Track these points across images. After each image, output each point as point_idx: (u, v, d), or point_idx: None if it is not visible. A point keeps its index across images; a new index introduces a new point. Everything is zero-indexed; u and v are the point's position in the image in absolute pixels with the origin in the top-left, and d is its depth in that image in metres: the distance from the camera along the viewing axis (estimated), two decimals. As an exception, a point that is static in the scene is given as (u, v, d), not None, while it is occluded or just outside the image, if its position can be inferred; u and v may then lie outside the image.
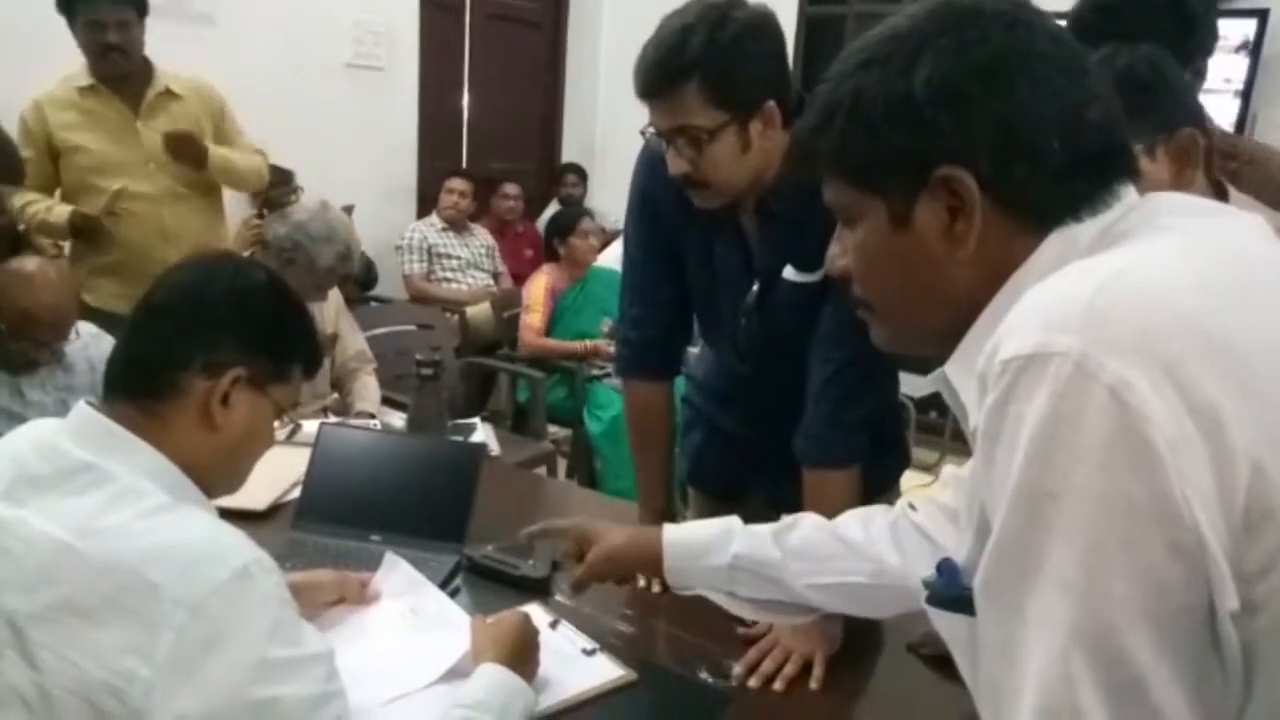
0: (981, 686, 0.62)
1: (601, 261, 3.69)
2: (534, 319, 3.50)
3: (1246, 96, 3.64)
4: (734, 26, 1.16)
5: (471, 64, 4.95)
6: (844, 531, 1.06)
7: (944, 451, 3.56)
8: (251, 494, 1.59)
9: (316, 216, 2.22)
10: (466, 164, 4.88)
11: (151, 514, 0.82)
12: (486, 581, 1.38)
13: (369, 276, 4.12)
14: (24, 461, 0.86)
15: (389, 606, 1.24)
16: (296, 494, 1.57)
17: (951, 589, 0.66)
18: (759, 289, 1.35)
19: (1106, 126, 0.65)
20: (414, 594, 1.25)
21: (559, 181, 5.06)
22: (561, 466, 3.15)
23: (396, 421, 2.21)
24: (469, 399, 3.47)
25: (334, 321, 2.42)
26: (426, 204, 4.55)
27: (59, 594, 0.78)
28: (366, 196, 4.21)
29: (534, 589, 1.35)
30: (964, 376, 0.66)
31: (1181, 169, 0.97)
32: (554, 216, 3.92)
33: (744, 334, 1.40)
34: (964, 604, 0.63)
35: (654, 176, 1.34)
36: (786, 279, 1.32)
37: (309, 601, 1.15)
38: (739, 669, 1.19)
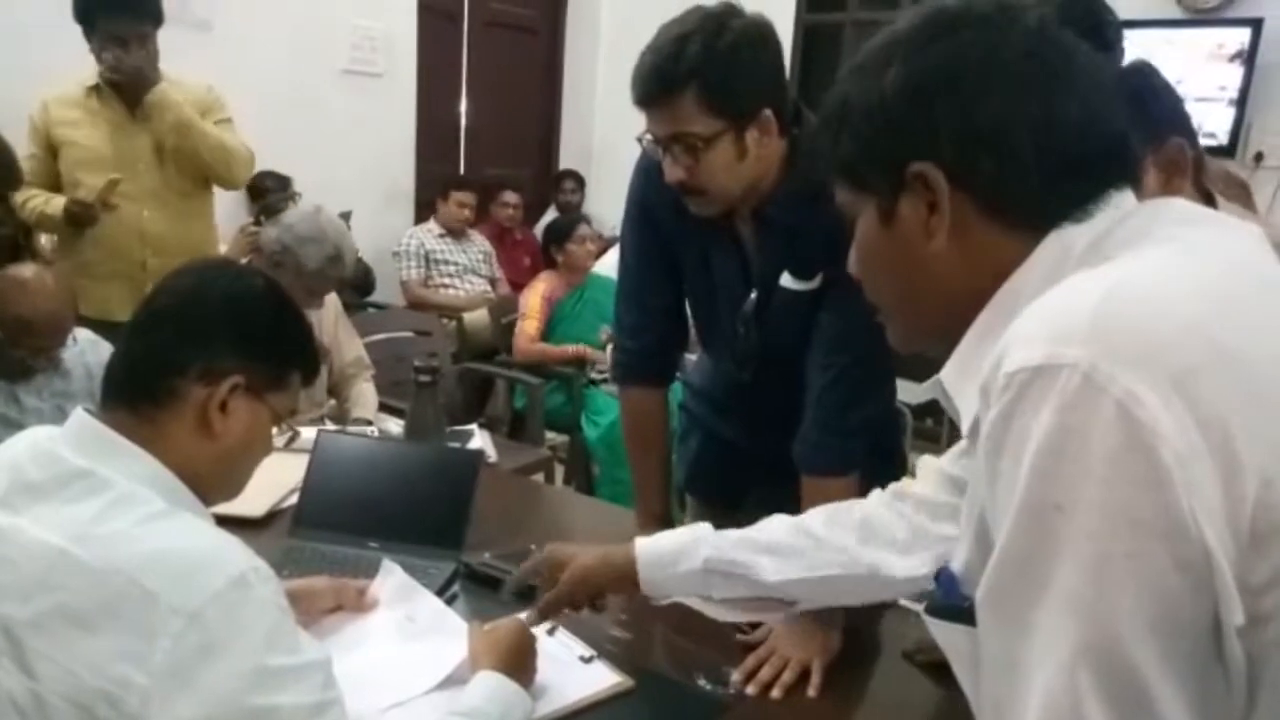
0: (984, 698, 0.62)
1: (599, 269, 3.69)
2: (530, 325, 3.50)
3: (1241, 105, 3.66)
4: (731, 35, 1.17)
5: (469, 70, 4.96)
6: (811, 525, 1.07)
7: (941, 458, 3.55)
8: (248, 501, 1.58)
9: (306, 218, 2.22)
10: (464, 170, 4.88)
11: (148, 521, 0.82)
12: (484, 589, 1.38)
13: (366, 282, 4.12)
14: (21, 469, 0.86)
15: (386, 614, 1.23)
16: (293, 501, 1.57)
17: (950, 599, 0.65)
18: (756, 296, 1.36)
19: (1091, 128, 0.64)
20: (411, 601, 1.24)
21: (557, 188, 5.07)
22: (559, 473, 3.15)
23: (394, 428, 2.21)
24: (466, 405, 3.46)
25: (332, 329, 2.41)
26: (424, 210, 4.55)
27: (55, 601, 0.78)
28: (364, 202, 4.21)
29: (531, 596, 1.34)
30: (959, 382, 0.66)
31: (1170, 179, 0.98)
32: (551, 223, 3.92)
33: (741, 341, 1.41)
34: (964, 615, 0.63)
35: (651, 184, 1.34)
36: (784, 286, 1.32)
37: (306, 609, 1.15)
38: (737, 676, 1.19)
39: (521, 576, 1.20)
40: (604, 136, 5.39)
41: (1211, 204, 1.08)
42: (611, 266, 3.54)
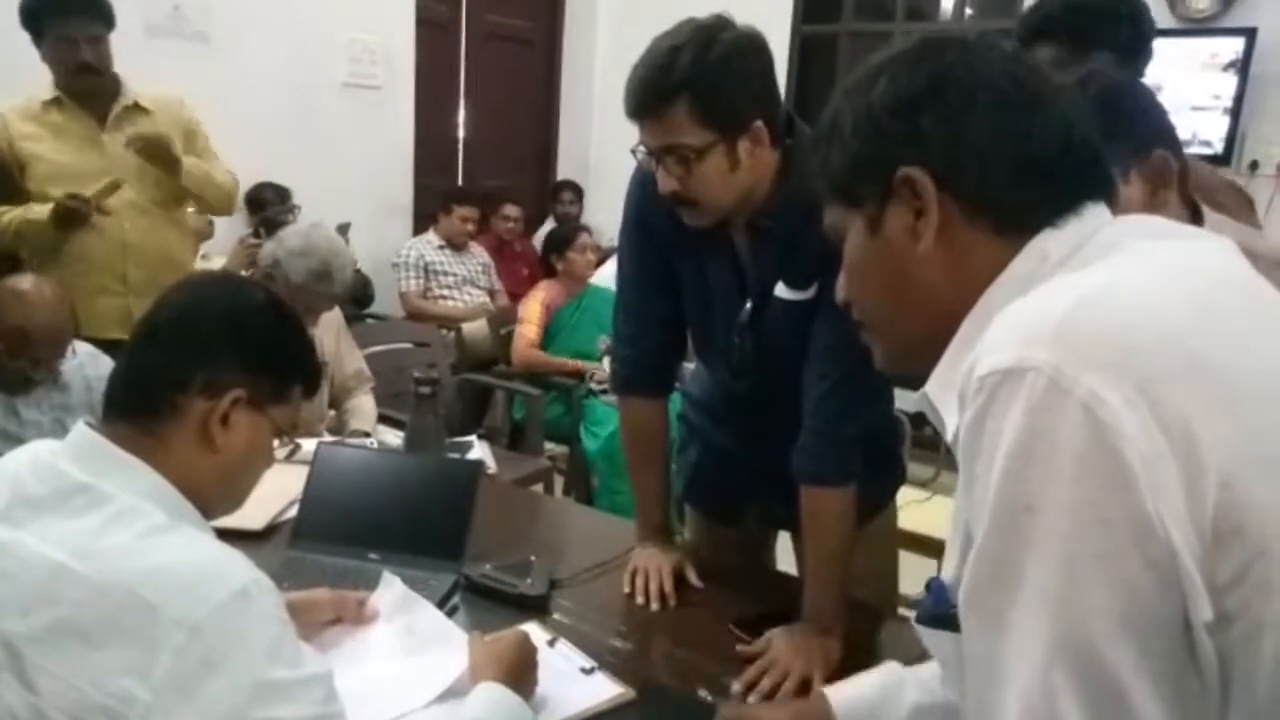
0: (968, 701, 0.63)
1: (597, 280, 3.69)
2: (528, 331, 3.50)
3: (1236, 114, 3.68)
4: (722, 47, 1.17)
5: (467, 82, 4.98)
6: None
7: (939, 467, 3.56)
8: (248, 513, 1.58)
9: (298, 233, 2.21)
10: (462, 181, 4.90)
11: (150, 535, 0.82)
12: (484, 600, 1.38)
13: (365, 294, 4.13)
14: (22, 483, 0.86)
15: (386, 626, 1.23)
16: (293, 513, 1.57)
17: (939, 607, 0.67)
18: (752, 307, 1.36)
19: (1067, 142, 0.68)
20: (411, 613, 1.24)
21: (555, 199, 5.08)
22: (558, 484, 3.14)
23: (393, 440, 2.21)
24: (465, 416, 3.46)
25: (334, 342, 2.41)
26: (423, 221, 4.56)
27: (56, 615, 0.78)
28: (363, 214, 4.23)
29: (532, 607, 1.35)
30: (943, 393, 0.68)
31: (1155, 191, 0.99)
32: (551, 232, 3.93)
33: (737, 351, 1.41)
34: (951, 621, 0.64)
35: (647, 195, 1.35)
36: (779, 297, 1.33)
37: (306, 621, 1.15)
38: (738, 686, 1.19)
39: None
40: (601, 147, 5.40)
41: (1197, 213, 1.09)
42: (609, 277, 3.55)
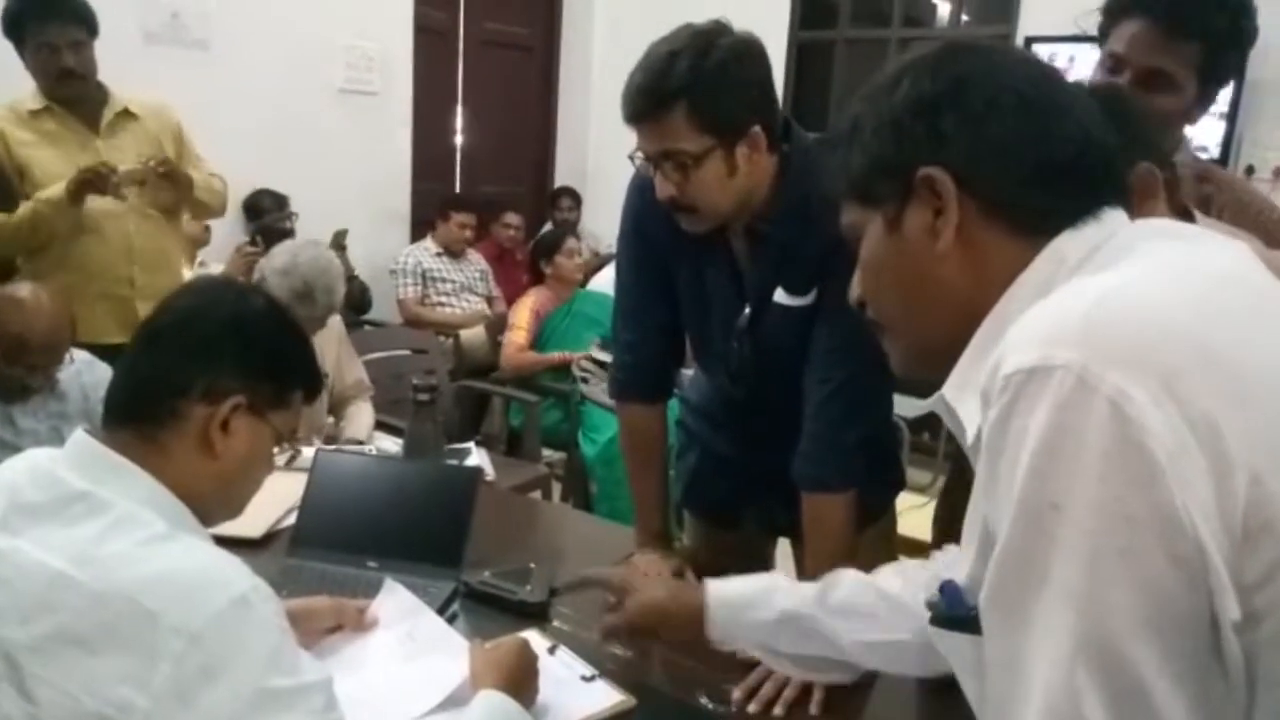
0: (989, 702, 0.63)
1: (593, 285, 3.70)
2: (517, 336, 3.50)
3: (1232, 119, 3.69)
4: (719, 53, 1.18)
5: (465, 89, 4.98)
6: (884, 586, 1.05)
7: (938, 473, 3.56)
8: (246, 521, 1.57)
9: (286, 250, 2.20)
10: (459, 188, 4.90)
11: (149, 543, 0.82)
12: (484, 607, 1.37)
13: (363, 300, 4.13)
14: (20, 490, 0.86)
15: (387, 633, 1.23)
16: (291, 520, 1.57)
17: (955, 609, 0.67)
18: (750, 312, 1.36)
19: (1083, 144, 0.68)
20: (412, 619, 1.24)
21: (554, 205, 5.08)
22: (556, 490, 3.14)
23: (391, 446, 2.20)
24: (463, 423, 3.46)
25: (334, 352, 2.41)
26: (420, 228, 4.56)
27: (55, 624, 0.78)
28: (360, 221, 4.23)
29: (532, 614, 1.34)
30: (961, 394, 0.68)
31: (1141, 203, 0.99)
32: (539, 238, 3.93)
33: (736, 357, 1.41)
34: (968, 623, 0.64)
35: (645, 201, 1.35)
36: (777, 302, 1.33)
37: (306, 629, 1.14)
38: (738, 693, 1.18)
39: (587, 581, 1.18)
40: (598, 154, 5.41)
41: (1189, 220, 1.09)
42: (605, 282, 3.56)
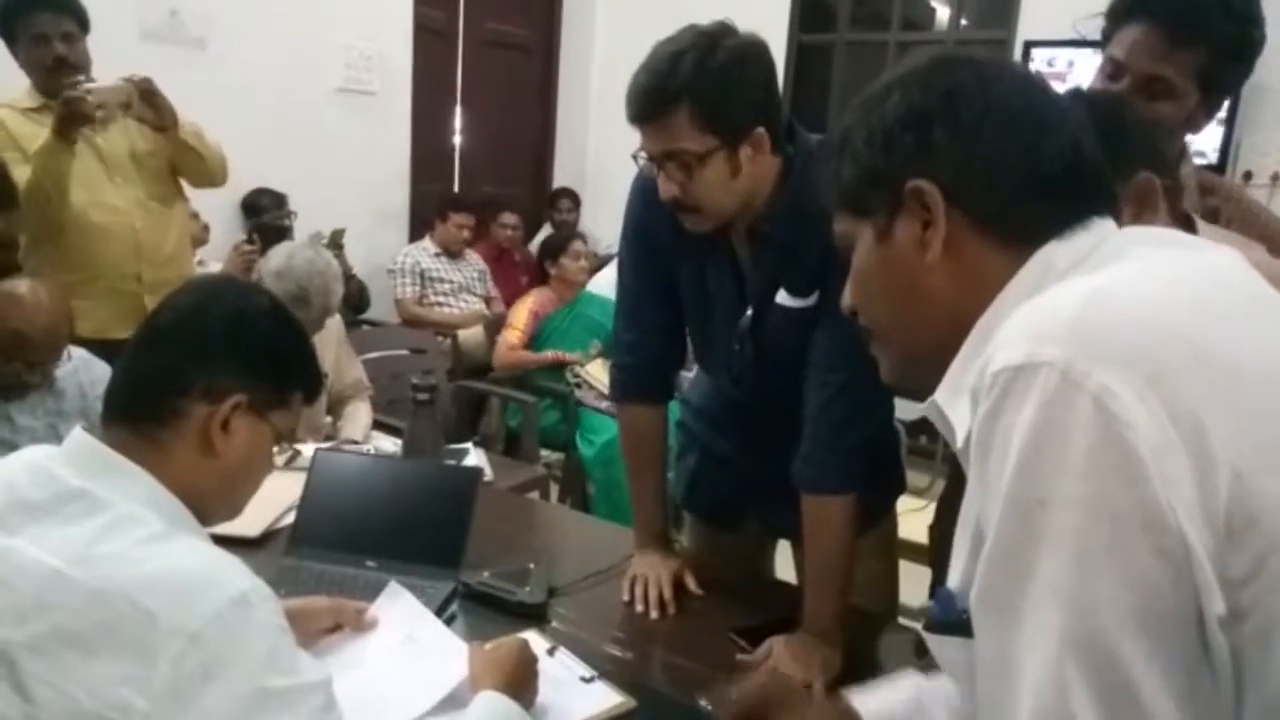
0: (981, 703, 0.63)
1: (593, 287, 3.69)
2: (512, 335, 3.49)
3: (1230, 124, 3.70)
4: (724, 54, 1.18)
5: (464, 89, 4.98)
6: None
7: (936, 475, 3.57)
8: (244, 520, 1.57)
9: (284, 251, 2.19)
10: (458, 188, 4.89)
11: (147, 542, 0.81)
12: (483, 608, 1.37)
13: (361, 300, 4.12)
14: (18, 488, 0.85)
15: (387, 634, 1.22)
16: (290, 520, 1.56)
17: (948, 614, 0.67)
18: (752, 314, 1.36)
19: (1075, 157, 0.69)
20: (414, 623, 1.23)
21: (553, 207, 5.08)
22: (553, 491, 3.13)
23: (389, 446, 2.20)
24: (460, 423, 3.45)
25: (334, 352, 2.40)
26: (419, 228, 4.56)
27: (53, 623, 0.77)
28: (359, 220, 4.22)
29: (530, 615, 1.34)
30: (952, 399, 0.68)
31: (1139, 213, 0.99)
32: (546, 239, 3.93)
33: (738, 359, 1.41)
34: (961, 627, 0.64)
35: (648, 202, 1.35)
36: (780, 304, 1.33)
37: (304, 629, 1.14)
38: (737, 695, 1.18)
39: (733, 701, 0.99)
40: (598, 155, 5.41)
41: (1191, 229, 1.09)
42: (606, 284, 3.55)
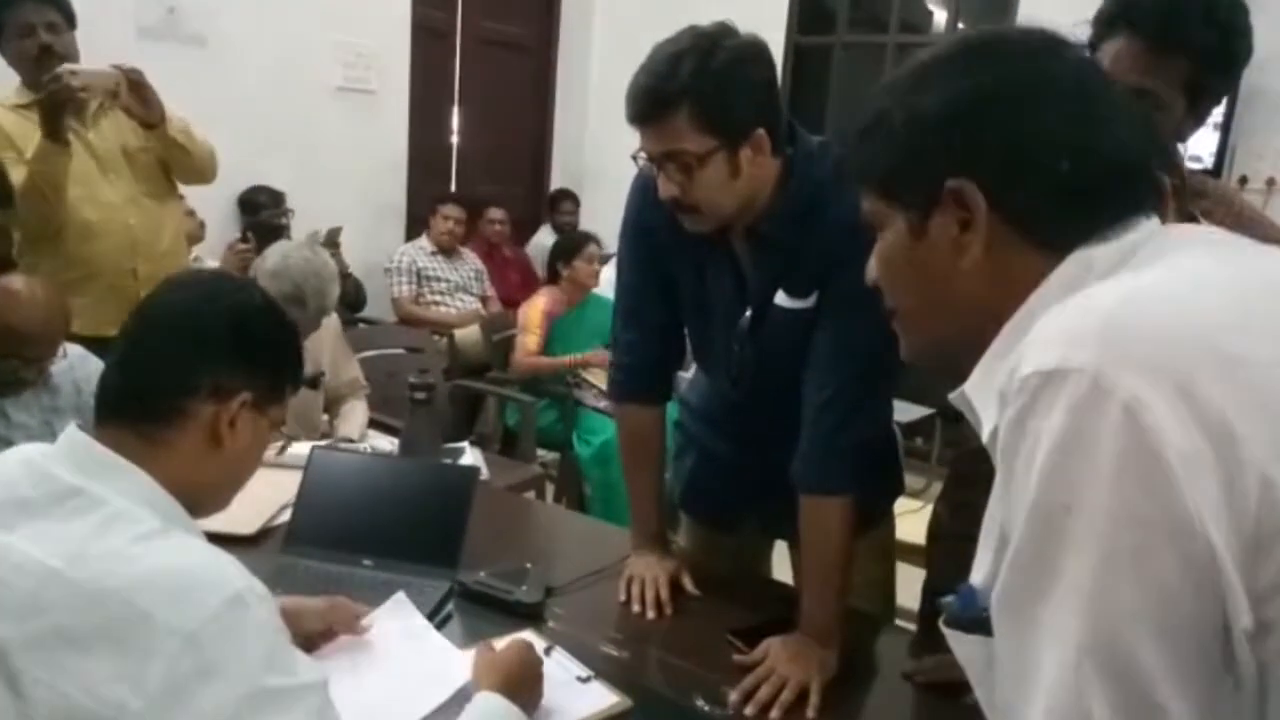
0: (997, 704, 0.63)
1: (598, 289, 3.68)
2: (530, 341, 3.46)
3: (1226, 130, 3.71)
4: (724, 55, 1.18)
5: (461, 88, 4.97)
6: None
7: (932, 477, 3.57)
8: (240, 518, 1.58)
9: (280, 251, 2.17)
10: (455, 187, 4.89)
11: (143, 540, 0.81)
12: (479, 607, 1.36)
13: (357, 299, 4.12)
14: (13, 485, 0.85)
15: (389, 638, 1.21)
16: (286, 518, 1.56)
17: (969, 611, 0.66)
18: (751, 315, 1.36)
19: (1123, 157, 0.67)
20: (417, 635, 1.22)
21: (554, 208, 5.07)
22: (550, 491, 3.13)
23: (386, 445, 2.20)
24: (457, 422, 3.45)
25: (330, 350, 2.39)
26: (416, 227, 4.56)
27: (48, 621, 0.77)
28: (356, 219, 4.21)
29: (527, 615, 1.34)
30: (982, 393, 0.67)
31: None
32: (560, 239, 3.92)
33: (737, 360, 1.40)
34: (981, 625, 0.63)
35: (647, 202, 1.35)
36: (779, 305, 1.32)
37: (298, 629, 1.13)
38: (735, 696, 1.18)
39: None
40: (596, 156, 5.40)
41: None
42: (605, 285, 3.55)
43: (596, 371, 3.43)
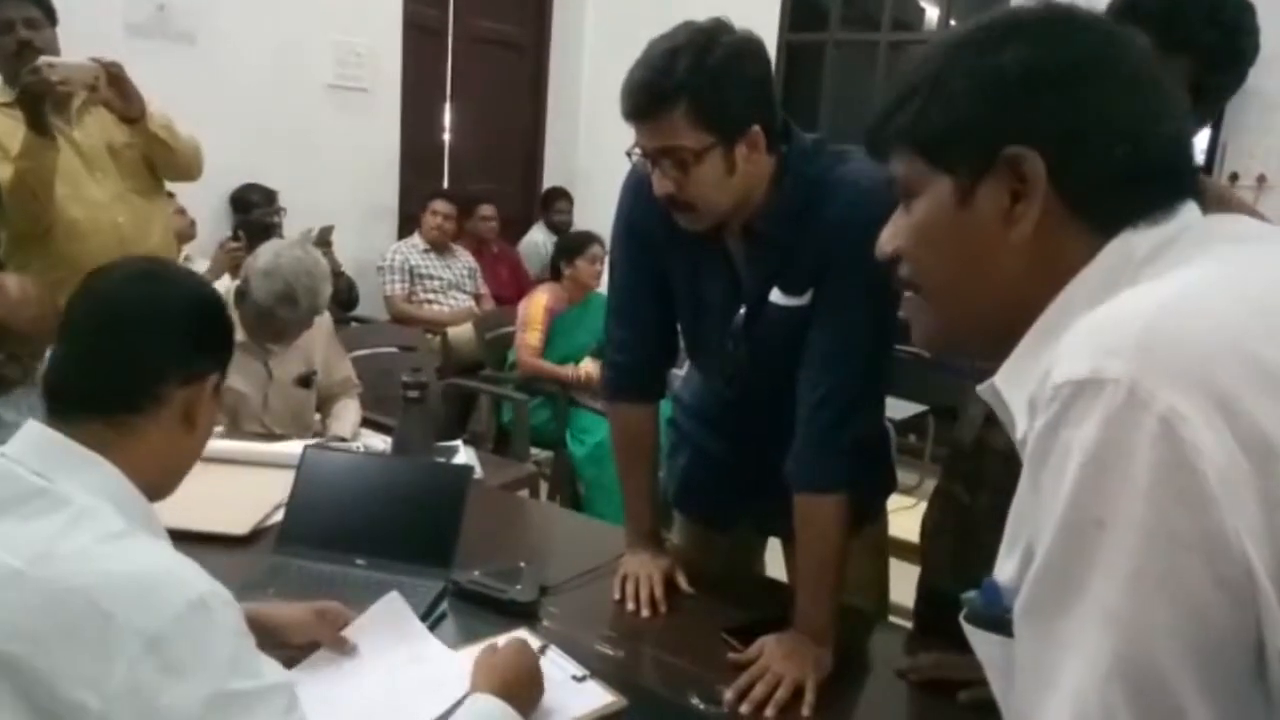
0: (1013, 709, 0.62)
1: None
2: (531, 337, 3.46)
3: (1216, 127, 3.73)
4: (721, 51, 1.17)
5: (454, 86, 4.96)
6: None
7: (924, 475, 3.58)
8: (233, 518, 1.57)
9: (271, 250, 2.17)
10: (448, 185, 4.88)
11: (108, 540, 0.81)
12: (473, 606, 1.36)
13: (350, 297, 4.10)
14: None
15: (387, 647, 1.19)
16: (278, 517, 1.55)
17: (991, 609, 0.64)
18: (746, 312, 1.36)
19: (1178, 146, 0.66)
20: (414, 640, 1.21)
21: (548, 207, 5.06)
22: (543, 489, 3.12)
23: (378, 444, 2.19)
24: (450, 421, 3.44)
25: (323, 349, 2.38)
26: (408, 225, 4.55)
27: (9, 622, 0.76)
28: (348, 217, 4.20)
29: (521, 614, 1.33)
30: (1014, 390, 0.65)
31: None
32: (563, 238, 3.91)
33: (730, 358, 1.40)
34: (1001, 625, 0.62)
35: (640, 199, 1.34)
36: (774, 303, 1.32)
37: (285, 642, 1.12)
38: (730, 694, 1.18)
39: None
40: (588, 154, 5.39)
41: None
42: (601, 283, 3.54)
43: (591, 370, 3.42)
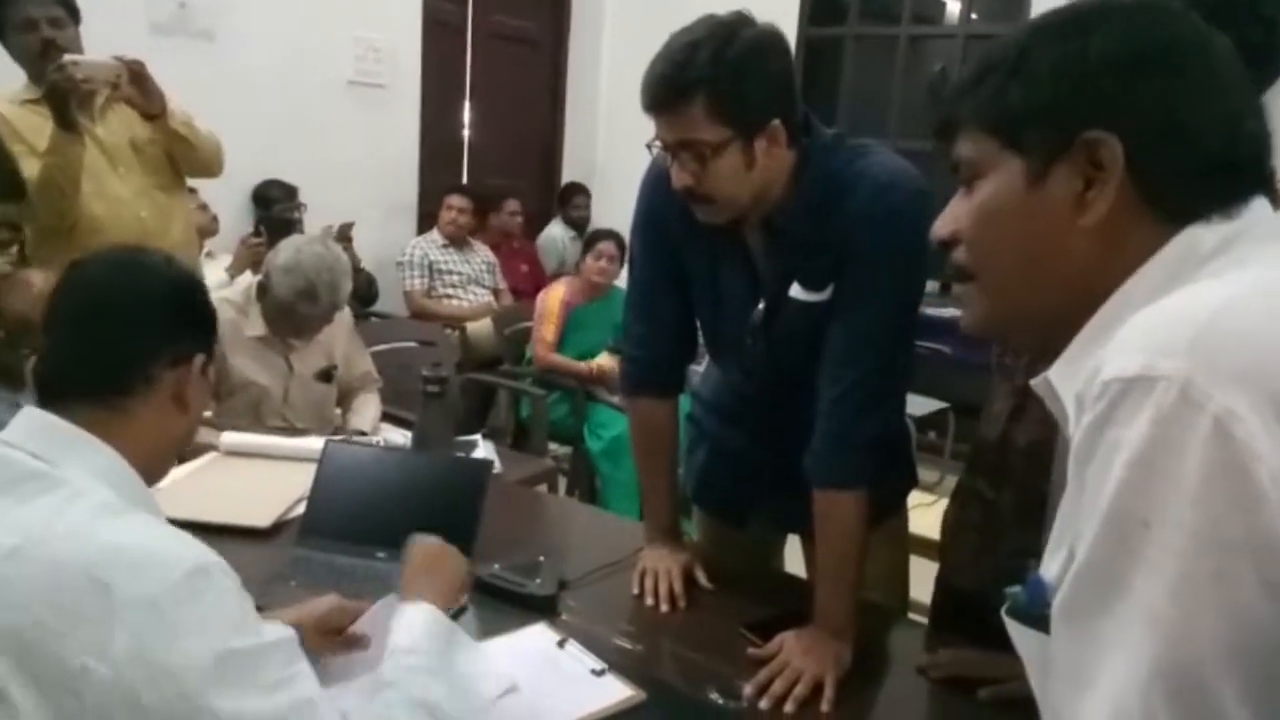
0: (1051, 703, 0.61)
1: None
2: (546, 331, 3.46)
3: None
4: (741, 45, 1.17)
5: (473, 82, 4.97)
6: None
7: (944, 471, 3.56)
8: (255, 511, 1.59)
9: (292, 245, 2.18)
10: (466, 181, 4.90)
11: (103, 515, 0.82)
12: (493, 600, 1.36)
13: (370, 292, 4.13)
14: None
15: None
16: (300, 511, 1.56)
17: (1035, 605, 0.64)
18: (765, 307, 1.35)
19: (1259, 142, 0.65)
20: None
21: (565, 202, 5.07)
22: (561, 484, 3.14)
23: (398, 438, 2.20)
24: (469, 415, 3.46)
25: (344, 344, 2.40)
26: (427, 220, 4.56)
27: (9, 598, 0.77)
28: (368, 212, 4.22)
29: (541, 608, 1.34)
30: (1068, 385, 0.64)
31: None
32: (589, 233, 3.92)
33: (749, 353, 1.40)
34: (1044, 622, 0.62)
35: (659, 194, 1.34)
36: (793, 298, 1.32)
37: (315, 640, 1.12)
38: (749, 689, 1.17)
39: None
40: (607, 149, 5.39)
41: None
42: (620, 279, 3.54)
43: (609, 365, 3.42)
